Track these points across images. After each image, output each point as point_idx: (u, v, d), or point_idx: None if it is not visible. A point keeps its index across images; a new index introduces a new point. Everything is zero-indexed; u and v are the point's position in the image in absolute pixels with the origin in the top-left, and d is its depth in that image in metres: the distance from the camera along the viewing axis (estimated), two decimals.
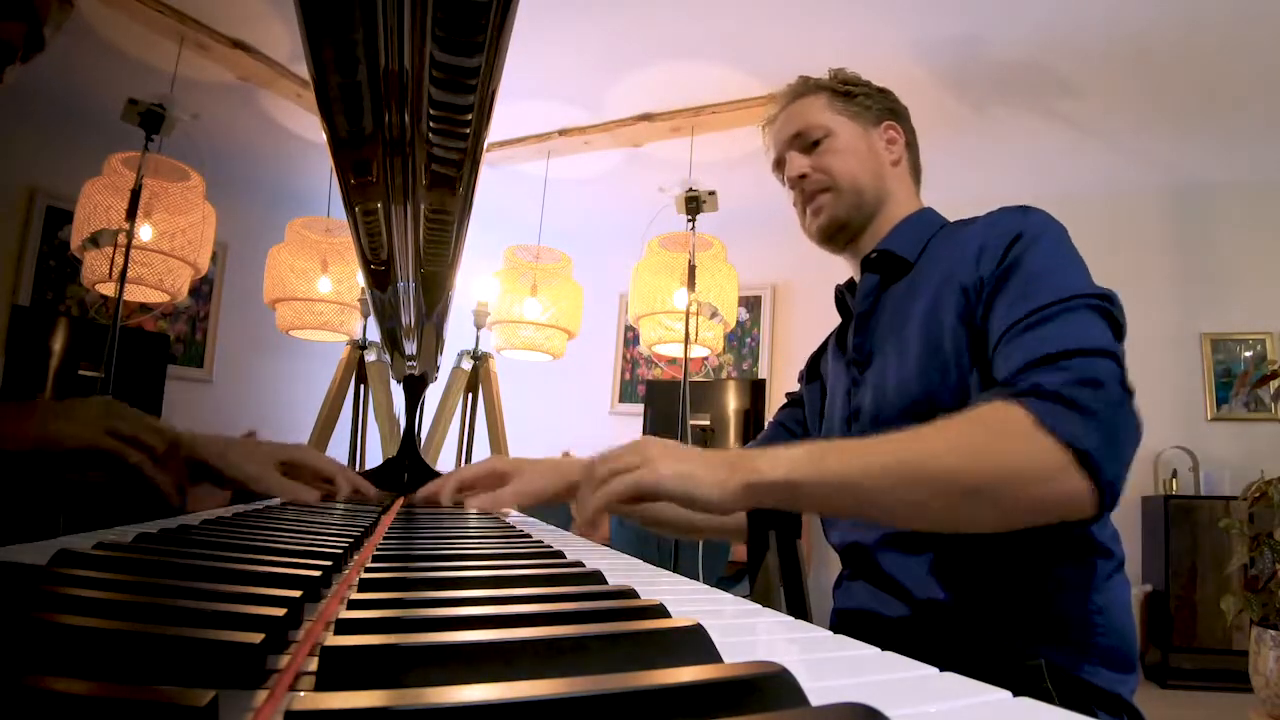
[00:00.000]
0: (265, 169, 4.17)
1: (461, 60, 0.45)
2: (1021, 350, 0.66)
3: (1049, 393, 0.60)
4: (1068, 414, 0.58)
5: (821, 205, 0.93)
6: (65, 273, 3.61)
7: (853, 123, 0.94)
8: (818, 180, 0.92)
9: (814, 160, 0.93)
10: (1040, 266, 0.71)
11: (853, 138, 0.93)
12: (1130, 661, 0.70)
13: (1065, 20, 2.69)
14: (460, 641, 0.23)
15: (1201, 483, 3.48)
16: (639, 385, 4.75)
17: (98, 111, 3.34)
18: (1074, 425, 0.58)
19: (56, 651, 0.21)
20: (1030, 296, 0.69)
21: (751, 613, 0.39)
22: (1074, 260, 0.73)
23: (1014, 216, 0.77)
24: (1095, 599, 0.69)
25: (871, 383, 0.84)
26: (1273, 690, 2.31)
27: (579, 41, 3.03)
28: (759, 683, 0.20)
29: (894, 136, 0.95)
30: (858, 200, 0.91)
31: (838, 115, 0.94)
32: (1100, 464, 0.57)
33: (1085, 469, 0.57)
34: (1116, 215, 3.84)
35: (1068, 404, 0.59)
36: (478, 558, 0.48)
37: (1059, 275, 0.70)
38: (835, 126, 0.93)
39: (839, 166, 0.91)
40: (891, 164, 0.94)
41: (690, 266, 2.75)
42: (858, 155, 0.92)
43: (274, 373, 4.25)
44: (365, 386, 3.04)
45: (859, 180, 0.91)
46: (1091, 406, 0.59)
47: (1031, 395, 0.60)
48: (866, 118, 0.94)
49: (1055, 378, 0.61)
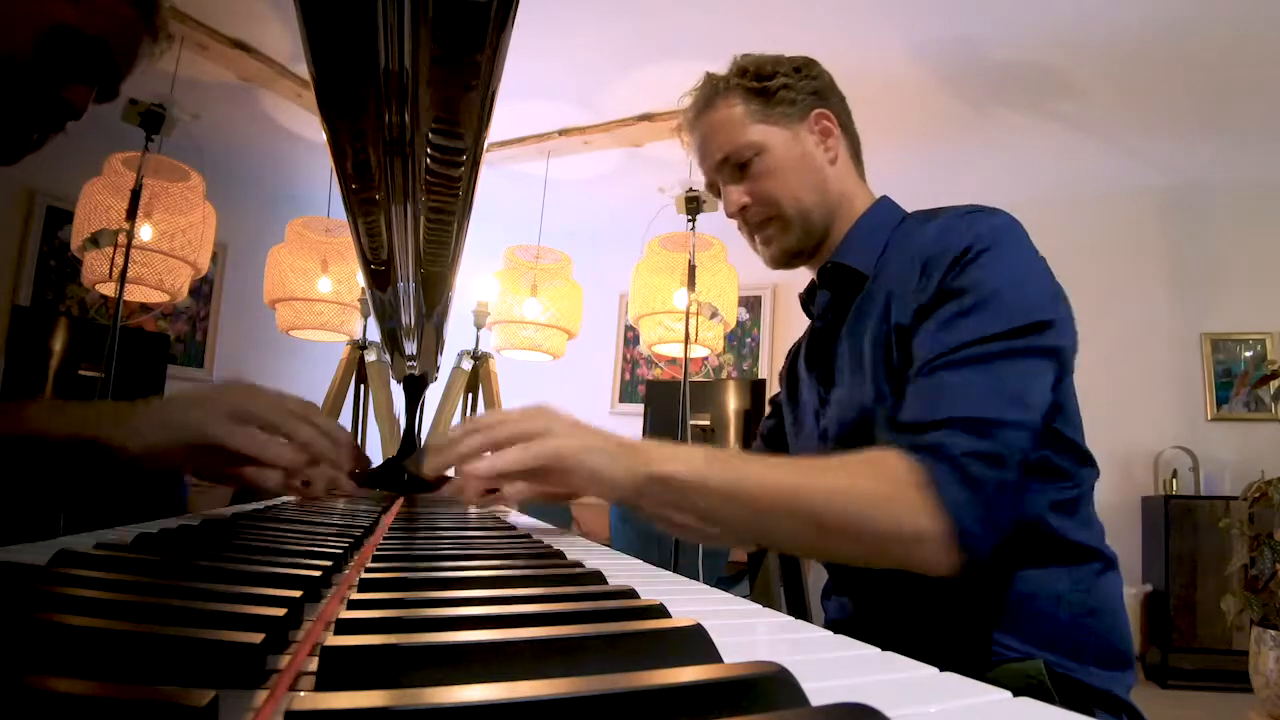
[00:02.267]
0: (265, 169, 4.17)
1: (461, 60, 0.45)
2: (938, 394, 0.64)
3: (949, 457, 0.60)
4: (959, 488, 0.59)
5: (770, 237, 0.88)
6: (65, 273, 3.61)
7: (780, 129, 0.85)
8: (760, 211, 0.87)
9: (750, 186, 0.86)
10: (983, 289, 0.67)
11: (785, 150, 0.85)
12: (1125, 659, 0.69)
13: (1065, 20, 2.69)
14: (460, 642, 0.23)
15: (1201, 483, 3.48)
16: (639, 385, 4.75)
17: (98, 111, 3.33)
18: (961, 501, 0.59)
19: (57, 651, 0.21)
20: (964, 326, 0.66)
21: (751, 613, 0.39)
22: (1022, 273, 0.69)
23: (964, 225, 0.72)
24: (1086, 601, 0.69)
25: (835, 402, 0.82)
26: (1273, 690, 2.31)
27: (579, 41, 3.03)
28: (759, 683, 0.20)
29: (827, 127, 0.87)
30: (806, 224, 0.86)
31: (762, 124, 0.85)
32: (973, 543, 0.59)
33: (959, 541, 0.59)
34: (1116, 215, 3.84)
35: (963, 475, 0.59)
36: (478, 558, 0.48)
37: (1000, 300, 0.66)
38: (764, 140, 0.85)
39: (779, 190, 0.85)
40: (830, 163, 0.87)
41: (690, 266, 2.75)
42: (795, 171, 0.85)
43: (274, 373, 4.25)
44: (365, 386, 3.03)
45: (803, 201, 0.85)
46: (984, 483, 0.60)
47: (931, 454, 0.61)
48: (792, 116, 0.86)
49: (960, 443, 0.61)
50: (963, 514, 0.59)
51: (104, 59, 0.73)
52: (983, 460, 0.60)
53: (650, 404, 3.47)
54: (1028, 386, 0.64)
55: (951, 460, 0.60)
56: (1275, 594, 2.41)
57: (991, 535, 0.60)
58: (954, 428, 0.62)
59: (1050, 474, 0.70)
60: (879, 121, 3.32)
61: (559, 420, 0.64)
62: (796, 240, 0.87)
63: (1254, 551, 2.54)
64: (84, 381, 2.63)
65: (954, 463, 0.60)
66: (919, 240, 0.75)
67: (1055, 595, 0.68)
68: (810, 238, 0.87)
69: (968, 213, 0.74)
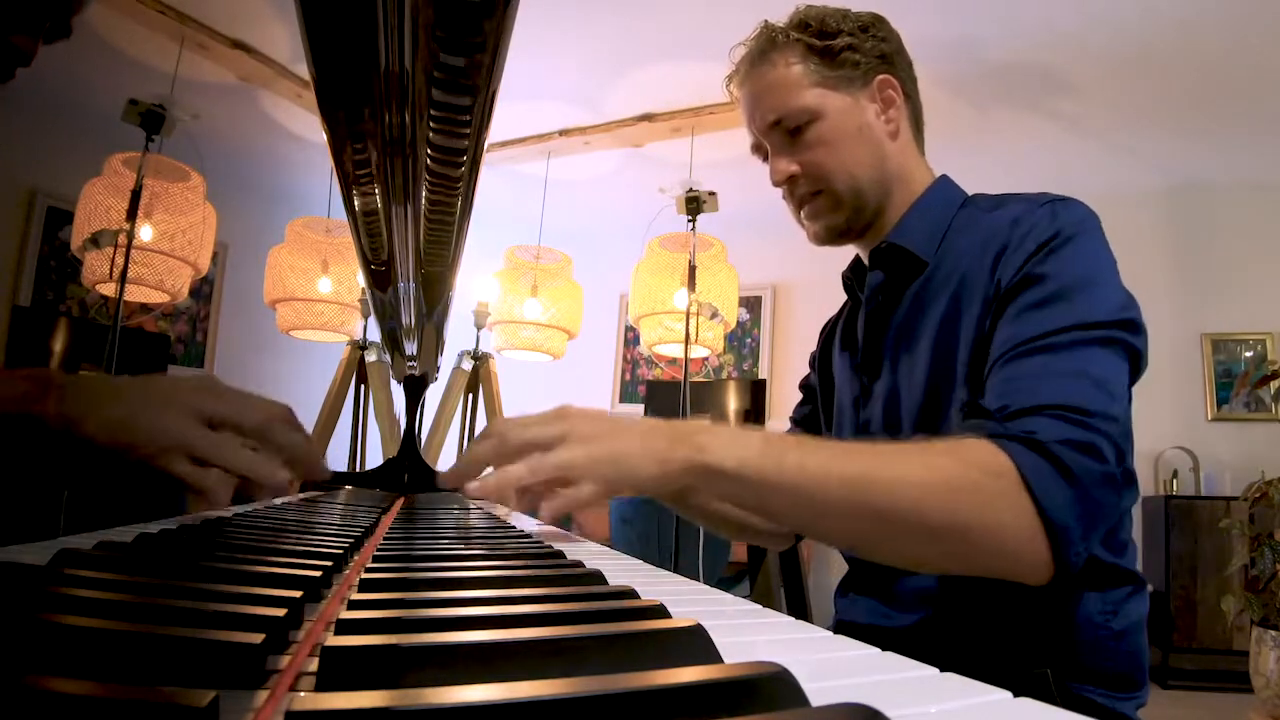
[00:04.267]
0: (265, 169, 4.17)
1: (461, 60, 0.45)
2: (1025, 380, 0.59)
3: (1042, 446, 0.54)
4: (1056, 480, 0.53)
5: (818, 211, 0.81)
6: (66, 273, 3.61)
7: (841, 95, 0.78)
8: (809, 183, 0.80)
9: (801, 156, 0.79)
10: (1068, 277, 0.63)
11: (844, 119, 0.78)
12: (1140, 681, 0.66)
13: (1065, 20, 2.69)
14: (460, 642, 0.23)
15: (1202, 483, 3.48)
16: (639, 385, 4.75)
17: (98, 111, 3.34)
18: (1059, 494, 0.53)
19: (57, 651, 0.21)
20: (1048, 314, 0.62)
21: (751, 613, 0.39)
22: (1106, 268, 0.65)
23: (1046, 214, 0.68)
24: (1112, 623, 0.65)
25: (880, 396, 0.77)
26: (1273, 691, 2.31)
27: (579, 41, 3.03)
28: (759, 683, 0.20)
29: (890, 96, 0.80)
30: (858, 201, 0.79)
31: (821, 89, 0.77)
32: (1072, 542, 0.53)
33: (1053, 543, 0.53)
34: (1116, 215, 3.81)
35: (1059, 467, 0.53)
36: (478, 558, 0.48)
37: (1087, 291, 0.62)
38: (821, 106, 0.77)
39: (832, 163, 0.78)
40: (891, 137, 0.80)
41: (690, 267, 2.75)
42: (852, 143, 0.78)
43: (274, 373, 4.25)
44: (365, 387, 3.03)
45: (857, 178, 0.78)
46: (1083, 478, 0.53)
47: (1023, 444, 0.54)
48: (855, 81, 0.78)
49: (1054, 430, 0.55)
50: (1059, 511, 0.52)
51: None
52: (1080, 450, 0.54)
53: (650, 404, 3.47)
54: (1115, 379, 0.59)
55: (1045, 449, 0.54)
56: (1276, 594, 2.41)
57: (1091, 534, 0.54)
58: (1046, 414, 0.56)
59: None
60: None
61: (580, 422, 0.57)
62: (846, 218, 0.80)
63: (1254, 552, 2.54)
64: None
65: (1048, 452, 0.54)
66: (990, 227, 0.70)
67: (1084, 617, 0.65)
68: (861, 216, 0.80)
69: (1049, 201, 0.69)
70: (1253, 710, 2.42)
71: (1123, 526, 0.69)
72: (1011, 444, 0.54)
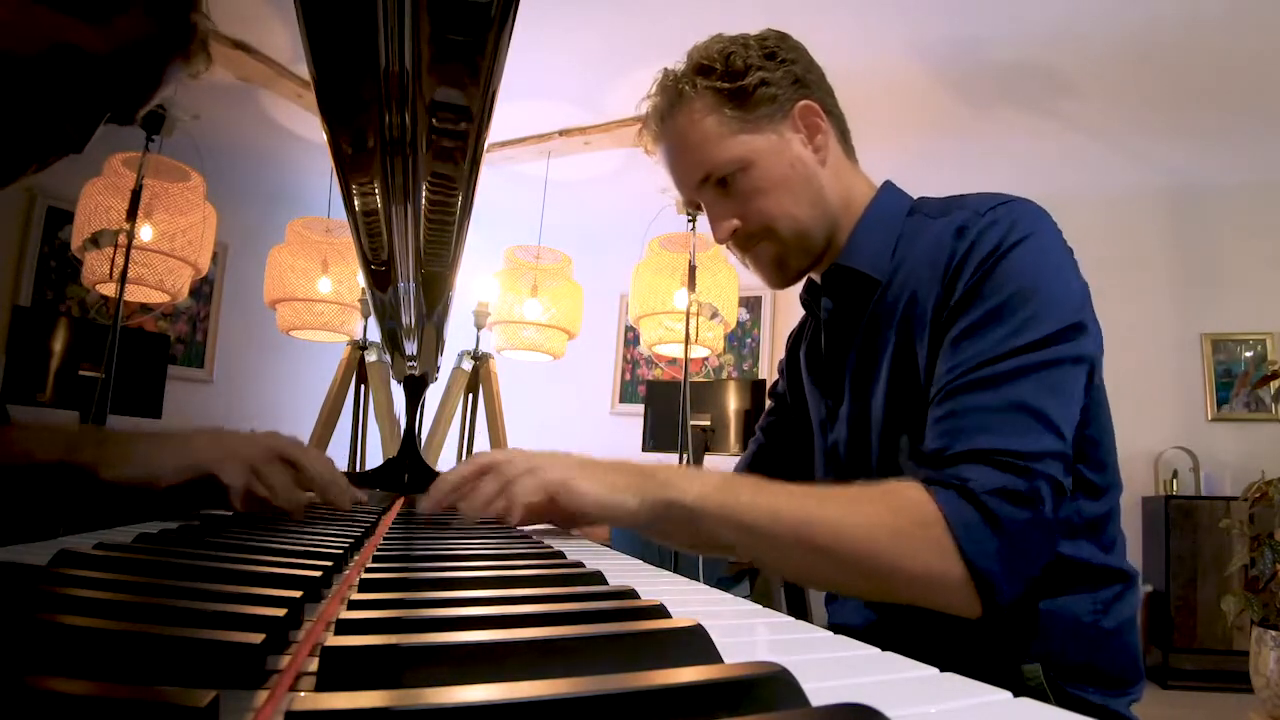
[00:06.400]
0: (265, 169, 4.17)
1: (461, 60, 0.45)
2: (964, 418, 0.60)
3: (974, 495, 0.55)
4: (983, 530, 0.55)
5: (762, 256, 0.78)
6: (66, 273, 3.61)
7: (765, 135, 0.73)
8: (752, 229, 0.76)
9: (737, 207, 0.75)
10: (1009, 292, 0.62)
11: (773, 160, 0.74)
12: (1133, 678, 0.67)
13: (1065, 20, 2.69)
14: (460, 642, 0.23)
15: (1202, 483, 3.48)
16: (639, 386, 4.75)
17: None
18: (987, 544, 0.54)
19: (57, 652, 0.21)
20: (989, 338, 0.61)
21: (751, 613, 0.39)
22: (1050, 269, 0.64)
23: (989, 222, 0.66)
24: (1102, 622, 0.65)
25: (844, 419, 0.77)
26: (1273, 691, 2.31)
27: (579, 41, 3.03)
28: (759, 683, 0.20)
29: (815, 123, 0.75)
30: (805, 244, 0.76)
31: (743, 135, 0.73)
32: (998, 588, 0.55)
33: (980, 588, 0.55)
34: (1117, 216, 3.84)
35: (988, 517, 0.55)
36: (478, 558, 0.48)
37: (1030, 304, 0.61)
38: (747, 154, 0.73)
39: (772, 210, 0.74)
40: (822, 164, 0.76)
41: (690, 267, 2.75)
42: (787, 184, 0.74)
43: (274, 373, 4.25)
44: (365, 387, 3.03)
45: (799, 219, 0.75)
46: (1009, 527, 0.55)
47: (955, 491, 0.56)
48: (775, 116, 0.74)
49: (986, 479, 0.56)
50: (985, 560, 0.54)
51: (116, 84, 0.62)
52: (1010, 499, 0.55)
53: (651, 404, 3.47)
54: (1059, 406, 0.59)
55: (976, 499, 0.55)
56: (1276, 594, 2.41)
57: (1018, 581, 0.55)
58: (979, 461, 0.57)
59: (1078, 487, 0.65)
60: (880, 121, 3.31)
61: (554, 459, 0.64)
62: (795, 260, 0.78)
63: (1254, 552, 2.54)
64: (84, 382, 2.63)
65: (978, 501, 0.55)
66: (935, 240, 0.69)
67: (1073, 617, 0.65)
68: (810, 255, 0.78)
69: (992, 206, 0.67)
70: (1253, 710, 2.42)
71: (1113, 520, 0.70)
72: (944, 491, 0.57)
